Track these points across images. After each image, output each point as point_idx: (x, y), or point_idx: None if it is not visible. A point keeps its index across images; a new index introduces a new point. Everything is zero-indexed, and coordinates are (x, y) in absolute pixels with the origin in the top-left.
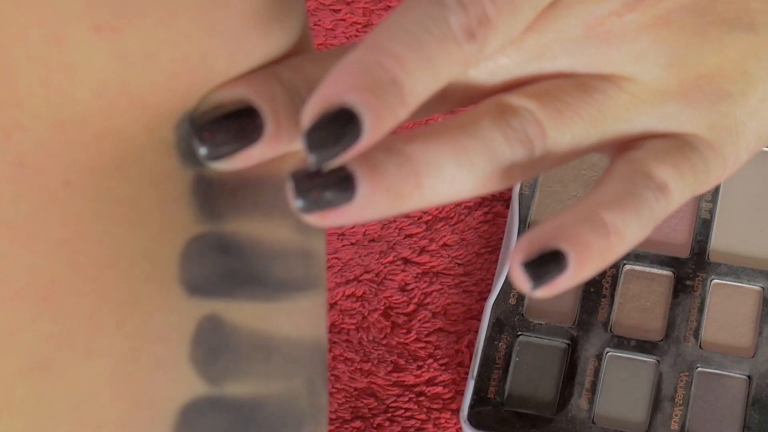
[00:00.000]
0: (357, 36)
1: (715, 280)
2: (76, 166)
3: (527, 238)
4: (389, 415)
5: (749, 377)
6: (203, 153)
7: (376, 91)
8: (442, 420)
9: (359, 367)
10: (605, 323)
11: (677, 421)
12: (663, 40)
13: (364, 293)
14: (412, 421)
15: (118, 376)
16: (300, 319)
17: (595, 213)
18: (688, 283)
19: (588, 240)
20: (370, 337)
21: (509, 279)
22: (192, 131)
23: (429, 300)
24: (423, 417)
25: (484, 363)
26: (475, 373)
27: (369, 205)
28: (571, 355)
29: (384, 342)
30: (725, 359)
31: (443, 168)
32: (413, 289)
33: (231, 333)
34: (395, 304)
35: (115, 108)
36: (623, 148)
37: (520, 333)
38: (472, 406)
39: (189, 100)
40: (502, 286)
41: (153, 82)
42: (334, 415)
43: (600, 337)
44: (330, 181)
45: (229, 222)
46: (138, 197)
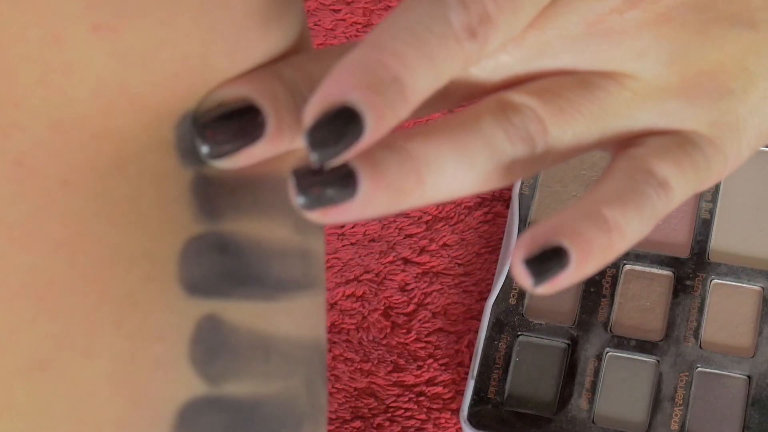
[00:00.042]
0: (357, 36)
1: (715, 280)
2: (75, 166)
3: (529, 235)
4: (389, 415)
5: (749, 377)
6: (205, 151)
7: (378, 89)
8: (442, 420)
9: (359, 367)
10: (605, 323)
11: (677, 421)
12: (664, 37)
13: (364, 293)
14: (412, 421)
15: (117, 375)
16: (299, 319)
17: (597, 209)
18: (688, 283)
19: (589, 236)
20: (370, 337)
21: (511, 276)
22: (194, 129)
23: (429, 300)
24: (423, 417)
25: (484, 363)
26: (475, 373)
27: (370, 202)
28: (571, 355)
29: (384, 342)
30: (725, 359)
31: (444, 165)
32: (413, 289)
33: (230, 333)
34: (395, 304)
35: (114, 108)
36: (624, 145)
37: (520, 333)
38: (472, 406)
39: (188, 100)
40: (502, 286)
41: (152, 81)
42: (334, 415)
43: (600, 337)
44: (332, 178)
45: (229, 222)
46: (137, 197)
